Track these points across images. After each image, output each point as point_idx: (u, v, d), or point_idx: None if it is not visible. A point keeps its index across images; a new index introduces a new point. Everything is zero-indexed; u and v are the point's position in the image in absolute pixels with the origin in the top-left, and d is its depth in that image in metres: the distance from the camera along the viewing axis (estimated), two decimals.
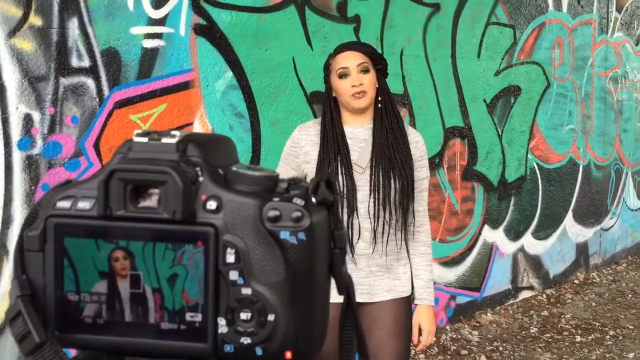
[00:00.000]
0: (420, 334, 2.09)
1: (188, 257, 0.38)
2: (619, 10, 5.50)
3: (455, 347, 3.86)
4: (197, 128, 2.95)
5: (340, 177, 1.98)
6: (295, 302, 0.38)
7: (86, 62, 2.60)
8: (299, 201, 0.39)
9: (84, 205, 0.39)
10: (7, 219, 2.44)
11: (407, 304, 2.10)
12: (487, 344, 3.95)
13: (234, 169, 0.40)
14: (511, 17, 4.39)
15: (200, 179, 0.39)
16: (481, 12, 4.17)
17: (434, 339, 2.17)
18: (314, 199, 0.39)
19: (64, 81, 2.54)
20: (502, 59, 4.36)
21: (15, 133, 2.43)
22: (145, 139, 0.40)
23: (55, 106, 2.52)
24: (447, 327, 4.08)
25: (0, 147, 2.39)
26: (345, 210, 1.98)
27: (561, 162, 4.98)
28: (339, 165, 1.99)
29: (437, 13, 3.90)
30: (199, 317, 0.38)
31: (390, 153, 2.00)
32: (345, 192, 1.98)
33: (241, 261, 0.38)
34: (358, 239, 2.00)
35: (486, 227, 4.36)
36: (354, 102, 2.00)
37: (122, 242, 0.38)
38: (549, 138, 4.83)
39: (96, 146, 2.65)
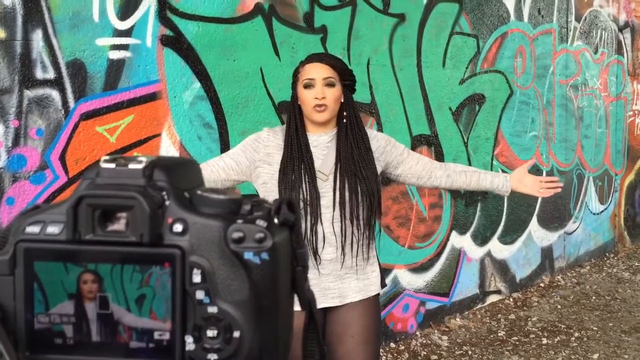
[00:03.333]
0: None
1: (155, 279, 0.40)
2: (577, 19, 5.67)
3: (425, 353, 3.91)
4: (165, 139, 2.94)
5: (303, 185, 2.00)
6: (259, 319, 0.40)
7: (51, 74, 2.57)
8: (261, 223, 0.40)
9: (52, 230, 0.40)
10: None
11: (376, 302, 2.16)
12: (456, 348, 4.00)
13: (199, 192, 0.42)
14: (474, 27, 4.49)
15: (167, 202, 0.40)
16: (445, 22, 4.26)
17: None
18: (276, 220, 0.41)
19: (29, 93, 2.51)
20: (467, 67, 4.45)
21: None
22: (112, 165, 0.41)
23: (19, 119, 2.49)
24: (417, 333, 4.12)
25: None
26: (309, 217, 2.00)
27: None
28: (303, 173, 2.01)
29: (403, 23, 3.96)
30: (166, 336, 0.40)
31: (356, 169, 2.02)
32: (309, 199, 1.99)
33: (207, 281, 0.40)
34: (323, 246, 2.02)
35: (454, 233, 4.43)
36: (315, 115, 2.04)
37: (91, 265, 0.40)
38: (513, 145, 4.94)
39: (62, 159, 2.62)
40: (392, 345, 3.91)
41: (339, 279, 2.07)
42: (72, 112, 2.63)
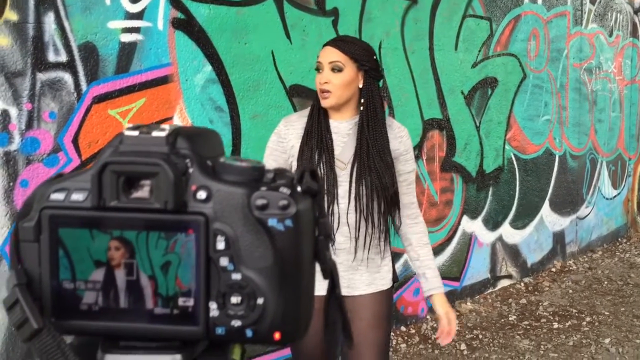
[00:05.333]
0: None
1: (180, 245, 0.40)
2: (592, 2, 5.59)
3: (436, 336, 3.92)
4: (177, 122, 2.94)
5: (321, 167, 1.96)
6: (282, 286, 0.40)
7: (63, 57, 2.57)
8: (285, 190, 0.40)
9: (77, 197, 0.40)
10: None
11: (387, 296, 2.09)
12: (467, 332, 4.01)
13: (221, 160, 0.42)
14: (487, 10, 4.44)
15: (190, 170, 0.40)
16: (458, 4, 4.21)
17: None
18: (299, 188, 0.41)
19: (41, 76, 2.52)
20: (479, 51, 4.41)
21: None
22: (135, 133, 0.41)
23: (32, 102, 2.50)
24: (428, 317, 4.13)
25: None
26: (325, 198, 1.98)
27: (537, 152, 5.06)
28: (322, 157, 1.96)
29: (415, 6, 3.93)
30: (191, 302, 0.40)
31: (371, 163, 1.95)
32: (325, 184, 1.97)
33: (231, 248, 0.40)
34: (337, 228, 2.00)
35: (465, 218, 4.42)
36: (321, 101, 1.97)
37: (116, 232, 0.40)
38: (525, 129, 4.91)
39: (75, 141, 2.63)
40: (403, 328, 3.92)
41: (350, 269, 2.04)
42: (84, 95, 2.64)
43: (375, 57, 2.04)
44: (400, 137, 2.04)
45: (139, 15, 2.79)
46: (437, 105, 4.14)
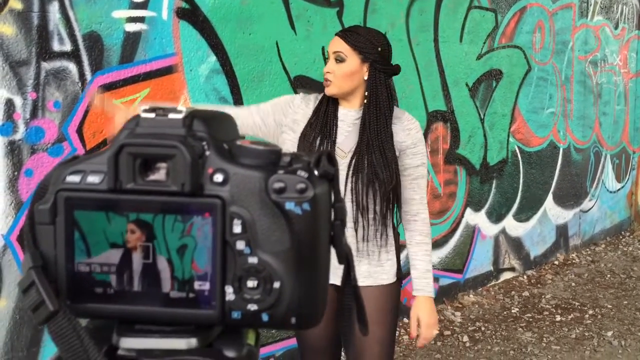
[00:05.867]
0: (419, 326, 2.01)
1: (197, 229, 0.40)
2: None
3: (438, 328, 3.92)
4: None
5: None
6: (299, 270, 0.40)
7: (68, 47, 2.57)
8: (302, 173, 0.40)
9: (93, 179, 0.40)
10: None
11: (390, 291, 2.04)
12: (469, 324, 4.02)
13: (238, 143, 0.42)
14: (493, 1, 4.42)
15: (207, 152, 0.40)
16: None
17: (437, 331, 2.05)
18: (316, 172, 0.41)
19: (46, 65, 2.51)
20: (484, 42, 4.39)
21: None
22: (152, 115, 0.41)
23: (37, 91, 2.49)
24: None
25: None
26: None
27: (542, 145, 5.05)
28: (322, 144, 1.94)
29: None
30: (207, 286, 0.40)
31: (370, 157, 1.91)
32: None
33: (247, 231, 0.39)
34: None
35: (468, 210, 4.42)
36: (325, 88, 1.97)
37: (132, 215, 0.40)
38: (529, 121, 4.89)
39: (79, 131, 2.63)
40: (406, 320, 3.93)
41: None
42: (89, 84, 2.63)
43: (381, 49, 1.97)
44: (408, 130, 1.98)
45: (143, 5, 2.78)
46: (441, 97, 4.13)
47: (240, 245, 0.39)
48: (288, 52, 3.28)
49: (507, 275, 4.83)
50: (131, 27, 2.74)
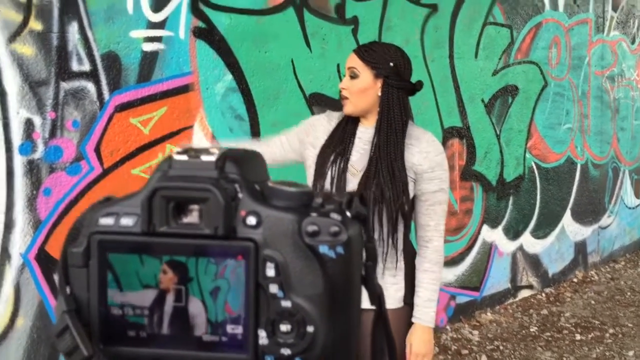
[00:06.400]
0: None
1: (230, 271, 0.39)
2: (614, 9, 5.53)
3: (456, 347, 3.88)
4: (197, 131, 2.95)
5: (330, 173, 1.90)
6: (333, 313, 0.39)
7: (86, 66, 2.60)
8: (336, 216, 0.40)
9: (126, 222, 0.40)
10: (10, 224, 2.44)
11: (395, 317, 1.93)
12: (487, 343, 3.97)
13: (270, 184, 0.41)
14: (508, 17, 4.41)
15: (240, 195, 0.40)
16: (478, 12, 4.19)
17: None
18: (348, 213, 0.41)
19: (65, 85, 2.54)
20: (500, 58, 4.38)
21: (17, 138, 2.44)
22: (184, 157, 0.41)
23: (56, 110, 2.52)
24: (448, 327, 4.09)
25: (2, 152, 2.39)
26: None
27: (559, 161, 5.01)
28: (335, 162, 1.91)
29: (435, 14, 3.91)
30: (240, 329, 0.39)
31: (379, 178, 1.85)
32: (334, 189, 1.92)
33: (281, 274, 0.39)
34: None
35: (485, 227, 4.38)
36: (343, 107, 1.95)
37: (166, 257, 0.39)
38: (546, 137, 4.86)
39: (97, 150, 2.65)
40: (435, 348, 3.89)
41: None
42: (106, 103, 2.66)
43: (393, 64, 1.91)
44: (426, 152, 1.88)
45: (161, 25, 2.81)
46: (457, 114, 4.11)
47: (274, 288, 0.39)
48: (303, 70, 3.29)
49: (525, 293, 4.77)
50: (149, 47, 2.77)
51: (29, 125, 2.46)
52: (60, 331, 0.39)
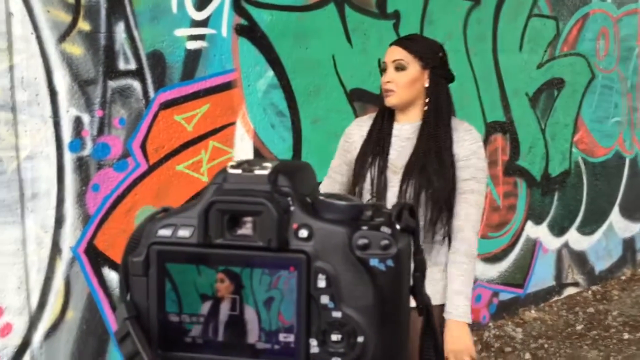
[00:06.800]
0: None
1: (283, 282, 0.40)
2: None
3: (498, 345, 3.83)
4: (239, 128, 2.99)
5: (370, 173, 1.91)
6: (383, 324, 0.40)
7: (132, 65, 2.66)
8: (386, 229, 0.40)
9: (184, 233, 0.41)
10: (60, 218, 2.52)
11: (440, 312, 1.90)
12: (531, 341, 3.91)
13: (320, 197, 0.42)
14: (554, 9, 4.31)
15: (292, 208, 0.41)
16: (523, 4, 4.11)
17: (469, 358, 1.88)
18: (398, 226, 0.41)
19: (112, 84, 2.61)
20: (545, 51, 4.29)
21: (67, 135, 2.51)
22: (239, 171, 0.42)
23: (103, 108, 2.59)
24: (490, 324, 4.05)
25: (53, 149, 2.47)
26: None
27: (607, 155, 4.88)
28: (375, 161, 1.92)
29: (478, 7, 3.85)
30: (292, 338, 0.40)
31: (425, 162, 1.85)
32: (375, 190, 1.91)
33: (332, 286, 0.40)
34: None
35: (529, 223, 4.31)
36: (385, 100, 1.94)
37: (221, 267, 0.41)
38: (594, 131, 4.73)
39: (142, 147, 2.71)
40: (474, 338, 3.85)
41: None
42: (152, 101, 2.72)
43: (441, 55, 1.96)
44: (463, 141, 1.90)
45: (204, 23, 2.85)
46: (500, 108, 4.05)
47: (325, 299, 0.40)
48: (344, 66, 3.29)
49: (570, 291, 4.67)
50: (192, 45, 2.81)
51: (78, 123, 2.54)
52: (122, 337, 0.41)
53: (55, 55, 2.46)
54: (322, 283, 0.40)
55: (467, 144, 1.90)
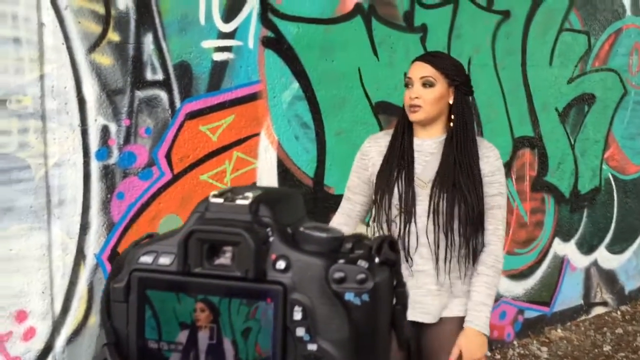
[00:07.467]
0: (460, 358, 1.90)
1: (261, 313, 0.40)
2: None
3: None
4: (264, 139, 3.01)
5: (397, 188, 1.93)
6: (358, 358, 0.40)
7: (160, 76, 2.70)
8: (363, 263, 0.40)
9: (164, 260, 0.42)
10: (85, 225, 2.57)
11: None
12: None
13: (301, 229, 0.42)
14: (586, 23, 4.24)
15: (271, 239, 0.41)
16: (554, 18, 4.06)
17: None
18: (377, 259, 0.41)
19: (139, 94, 2.65)
20: (576, 66, 4.22)
21: (94, 144, 2.56)
22: (220, 200, 0.42)
23: (130, 118, 2.63)
24: (515, 342, 3.97)
25: (80, 157, 2.52)
26: (402, 224, 1.93)
27: (638, 172, 4.76)
28: (400, 176, 1.94)
29: (507, 20, 3.82)
30: None
31: (456, 177, 1.90)
32: (403, 205, 1.93)
33: (307, 319, 0.40)
34: (416, 248, 1.95)
35: (557, 240, 4.23)
36: (410, 115, 1.96)
37: (200, 296, 0.41)
38: (625, 148, 4.63)
39: (168, 156, 2.75)
40: (488, 353, 3.79)
41: (430, 294, 1.96)
42: (178, 111, 2.76)
43: (465, 73, 2.05)
44: (487, 157, 1.96)
45: (231, 35, 2.88)
46: (528, 123, 3.99)
47: (300, 332, 0.40)
48: (370, 78, 3.29)
49: (598, 310, 4.56)
50: (219, 56, 2.85)
51: (105, 132, 2.58)
52: None
53: (84, 65, 2.51)
54: (298, 315, 0.40)
55: (492, 160, 1.97)
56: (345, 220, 2.07)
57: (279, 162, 3.05)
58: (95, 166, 2.57)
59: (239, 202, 0.42)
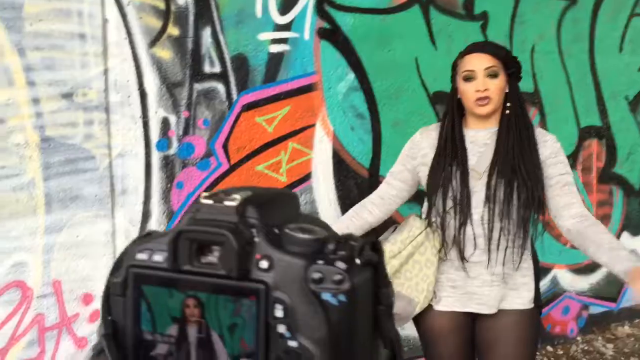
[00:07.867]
0: None
1: (246, 310, 0.42)
2: None
3: None
4: (319, 130, 3.03)
5: (453, 182, 1.93)
6: (337, 357, 0.41)
7: (217, 68, 2.77)
8: (341, 264, 0.41)
9: (158, 258, 0.44)
10: (147, 213, 2.68)
11: (526, 319, 1.98)
12: (622, 358, 3.68)
13: (287, 230, 0.44)
14: None
15: (256, 239, 0.43)
16: (624, 2, 3.86)
17: None
18: (358, 261, 0.42)
19: (197, 86, 2.73)
20: None
21: (154, 135, 2.66)
22: (210, 201, 0.45)
23: (189, 110, 2.72)
24: (578, 338, 3.85)
25: (142, 147, 2.63)
26: (457, 217, 1.93)
27: None
28: (454, 170, 1.93)
29: (573, 6, 3.66)
30: None
31: (515, 163, 1.89)
32: (459, 197, 1.92)
33: (288, 316, 0.41)
34: (473, 250, 1.95)
35: (625, 234, 4.05)
36: (477, 109, 1.94)
37: (190, 292, 0.44)
38: None
39: (225, 147, 2.82)
40: (549, 348, 3.70)
41: (485, 284, 1.97)
42: (234, 103, 2.82)
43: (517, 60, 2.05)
44: (544, 142, 1.97)
45: (287, 27, 2.91)
46: (595, 112, 3.83)
47: (282, 328, 0.42)
48: (427, 68, 3.24)
49: None
50: (275, 48, 2.88)
51: (165, 123, 2.68)
52: (98, 352, 0.44)
53: (146, 59, 2.61)
54: (279, 313, 0.42)
55: (550, 144, 1.97)
56: (378, 201, 2.10)
57: (334, 153, 3.06)
58: (156, 157, 2.66)
59: (227, 203, 0.44)
